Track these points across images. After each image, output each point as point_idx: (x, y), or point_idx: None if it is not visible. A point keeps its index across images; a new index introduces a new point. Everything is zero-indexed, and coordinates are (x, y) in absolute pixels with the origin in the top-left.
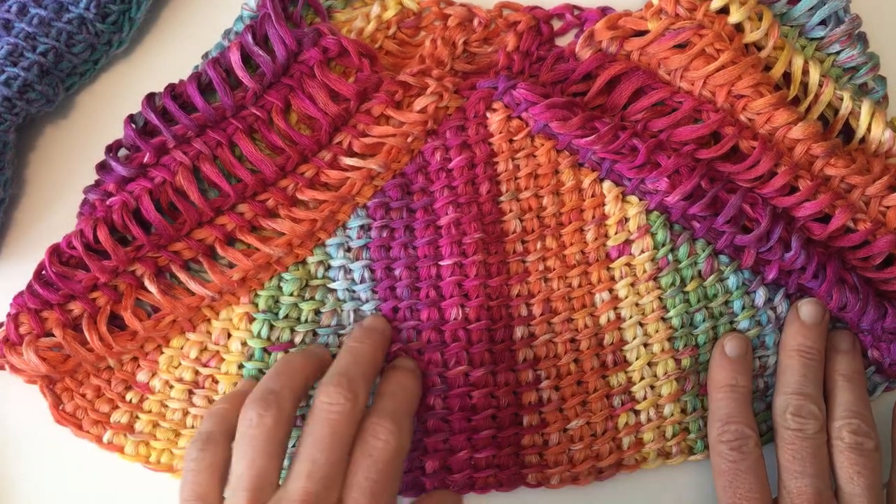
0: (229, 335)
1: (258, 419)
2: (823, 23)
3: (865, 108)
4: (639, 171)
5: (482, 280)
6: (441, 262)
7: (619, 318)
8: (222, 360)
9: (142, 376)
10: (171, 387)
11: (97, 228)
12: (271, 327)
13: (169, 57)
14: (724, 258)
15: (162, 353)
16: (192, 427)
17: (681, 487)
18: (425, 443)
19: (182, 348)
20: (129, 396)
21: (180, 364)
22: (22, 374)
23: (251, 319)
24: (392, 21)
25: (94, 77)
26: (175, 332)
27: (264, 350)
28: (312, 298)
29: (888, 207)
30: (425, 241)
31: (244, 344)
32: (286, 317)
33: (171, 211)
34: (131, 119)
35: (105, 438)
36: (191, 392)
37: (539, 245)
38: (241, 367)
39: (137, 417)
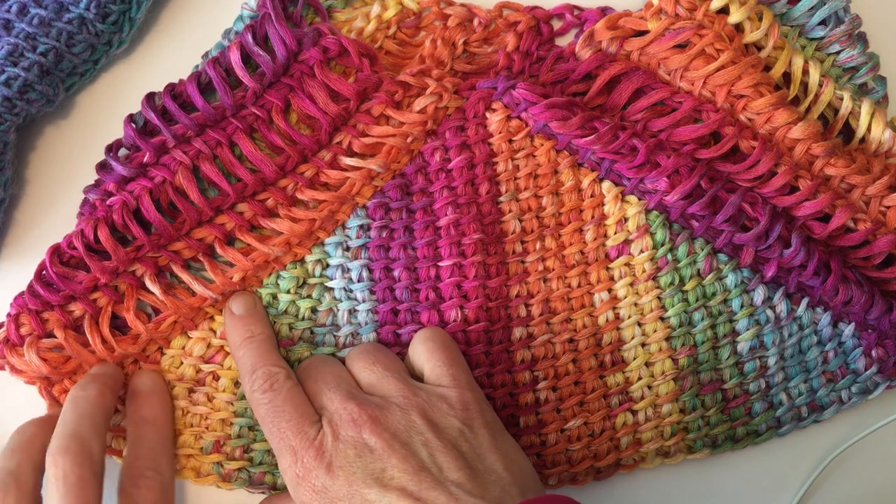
0: None
1: None
2: (823, 23)
3: (865, 108)
4: (638, 170)
5: (481, 281)
6: (440, 263)
7: (617, 317)
8: (227, 354)
9: None
10: (173, 387)
11: (98, 228)
12: (273, 323)
13: (169, 57)
14: (722, 256)
15: (163, 354)
16: (192, 426)
17: (679, 487)
18: None
19: (184, 347)
20: None
21: (182, 363)
22: (22, 376)
23: None
24: (392, 21)
25: (94, 77)
26: (176, 332)
27: None
28: (309, 296)
29: (888, 207)
30: (424, 241)
31: None
32: (285, 313)
33: (170, 210)
34: (131, 119)
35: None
36: (191, 391)
37: (538, 245)
38: None
39: None
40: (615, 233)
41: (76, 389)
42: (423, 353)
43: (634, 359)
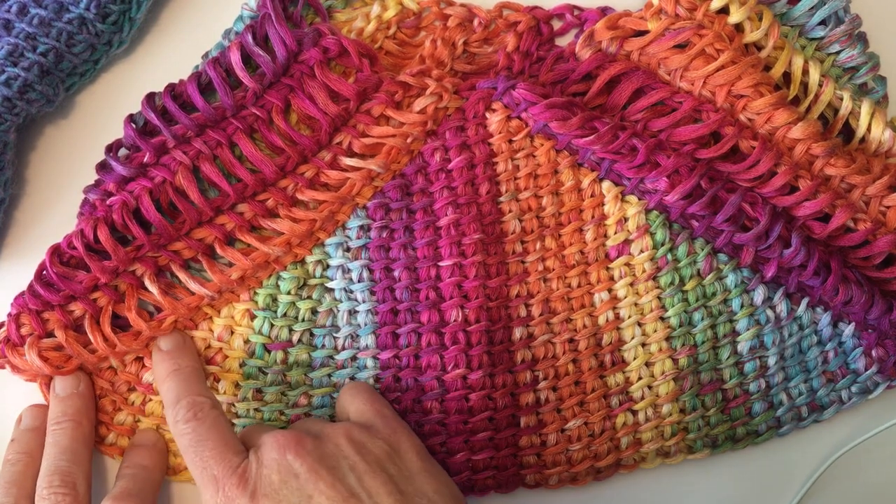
0: (232, 332)
1: None
2: (823, 23)
3: (865, 108)
4: (638, 170)
5: (482, 281)
6: (440, 263)
7: (617, 317)
8: (226, 357)
9: (147, 377)
10: None
11: (97, 228)
12: (271, 325)
13: (169, 57)
14: (722, 256)
15: None
16: None
17: (680, 487)
18: None
19: None
20: (132, 398)
21: None
22: (23, 374)
23: (253, 316)
24: (392, 21)
25: (94, 77)
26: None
27: (264, 347)
28: (309, 297)
29: (888, 207)
30: (425, 241)
31: (246, 341)
32: (284, 315)
33: (170, 210)
34: (131, 119)
35: (108, 440)
36: None
37: (538, 245)
38: (242, 364)
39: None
40: (615, 233)
41: (52, 425)
42: (346, 399)
43: (634, 359)
